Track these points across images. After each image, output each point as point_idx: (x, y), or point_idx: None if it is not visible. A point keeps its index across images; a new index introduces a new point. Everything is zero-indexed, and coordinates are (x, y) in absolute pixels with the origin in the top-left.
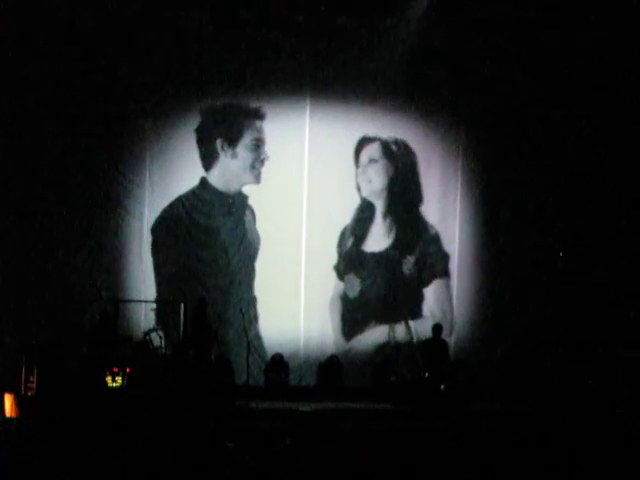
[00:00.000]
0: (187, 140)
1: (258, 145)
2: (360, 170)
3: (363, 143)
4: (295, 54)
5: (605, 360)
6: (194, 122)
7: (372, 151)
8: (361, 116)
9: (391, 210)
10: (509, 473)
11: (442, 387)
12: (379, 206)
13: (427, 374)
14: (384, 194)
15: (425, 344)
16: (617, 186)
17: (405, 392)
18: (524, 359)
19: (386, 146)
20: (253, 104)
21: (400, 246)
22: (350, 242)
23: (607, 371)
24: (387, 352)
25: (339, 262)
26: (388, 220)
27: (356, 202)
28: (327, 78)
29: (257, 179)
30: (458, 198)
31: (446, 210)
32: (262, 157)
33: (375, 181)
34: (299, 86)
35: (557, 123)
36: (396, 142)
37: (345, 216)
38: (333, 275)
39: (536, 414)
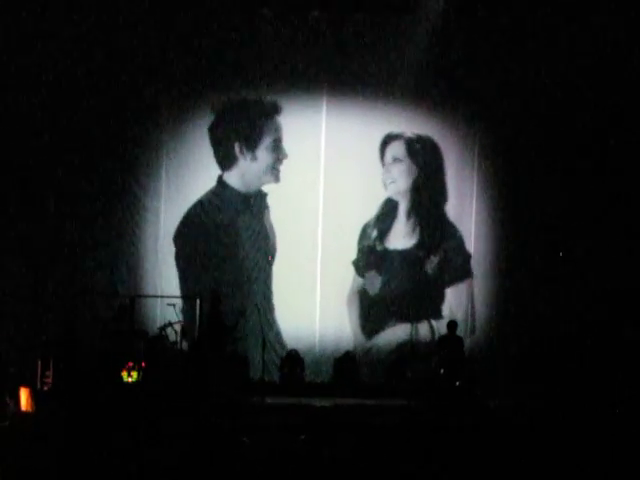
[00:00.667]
0: (200, 137)
1: (277, 145)
2: (385, 168)
3: (388, 141)
4: (311, 49)
5: (623, 360)
6: (207, 120)
7: (396, 149)
8: (378, 111)
9: (415, 208)
10: (523, 469)
11: (457, 383)
12: (403, 204)
13: (442, 370)
14: (409, 193)
15: (440, 340)
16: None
17: (420, 388)
18: (541, 356)
19: (410, 144)
20: (269, 99)
21: (424, 245)
22: (372, 238)
23: (624, 370)
24: (403, 349)
25: (359, 258)
26: (412, 218)
27: (377, 198)
28: (344, 73)
29: (277, 178)
30: (474, 196)
31: (463, 209)
32: (281, 156)
33: (399, 181)
34: (315, 81)
35: (578, 121)
36: (421, 139)
37: (364, 212)
38: (351, 271)
39: (551, 410)
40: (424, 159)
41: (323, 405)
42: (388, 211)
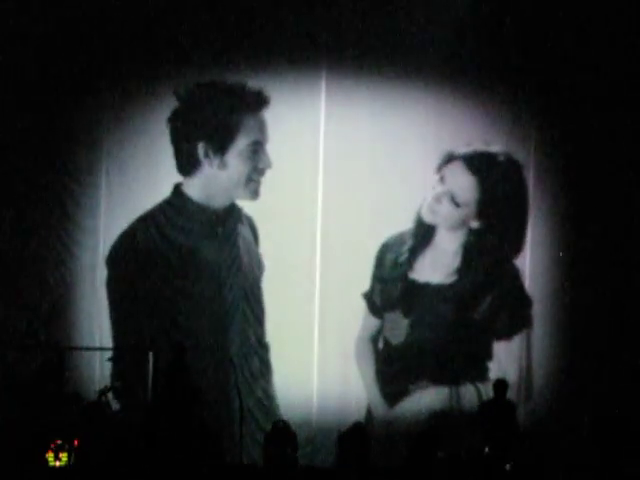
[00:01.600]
0: (158, 132)
1: (256, 150)
2: (438, 197)
3: (449, 160)
4: (307, 21)
5: None
6: (166, 108)
7: (461, 187)
8: (396, 99)
9: (466, 245)
10: None
11: (507, 467)
12: (445, 230)
13: (487, 449)
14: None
15: (484, 407)
16: None
17: (456, 473)
18: (619, 430)
19: (486, 184)
20: (252, 85)
21: (473, 281)
22: (395, 265)
23: None
24: (441, 420)
25: (374, 291)
26: (455, 240)
27: (401, 211)
28: (347, 52)
29: (254, 194)
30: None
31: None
32: (261, 165)
33: (445, 222)
34: (312, 64)
35: None
36: (502, 164)
37: (381, 231)
38: (362, 309)
39: None
40: (503, 200)
41: None
42: (421, 231)
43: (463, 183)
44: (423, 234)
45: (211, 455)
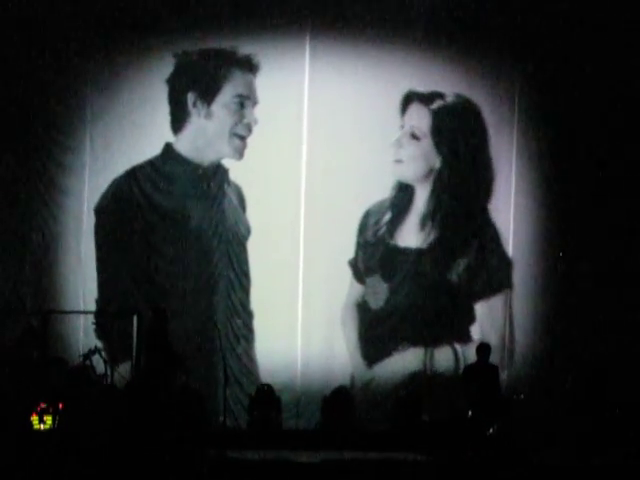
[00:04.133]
0: (142, 96)
1: (242, 104)
2: (396, 140)
3: (409, 101)
4: None
5: None
6: (165, 70)
7: (416, 120)
8: (378, 61)
9: (439, 195)
10: None
11: (491, 430)
12: (421, 189)
13: (470, 412)
14: (429, 177)
15: (468, 371)
16: None
17: (440, 436)
18: (603, 395)
19: (439, 116)
20: (242, 50)
21: (449, 243)
22: (377, 231)
23: None
24: (416, 383)
25: (357, 257)
26: (433, 206)
27: (383, 177)
28: (331, 12)
29: (237, 152)
30: (513, 181)
31: (499, 199)
32: (247, 120)
33: (410, 165)
34: (296, 26)
35: None
36: (457, 105)
37: (364, 196)
38: (347, 274)
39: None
40: (457, 134)
41: (307, 461)
42: (400, 196)
43: (418, 115)
44: (402, 197)
45: (194, 419)
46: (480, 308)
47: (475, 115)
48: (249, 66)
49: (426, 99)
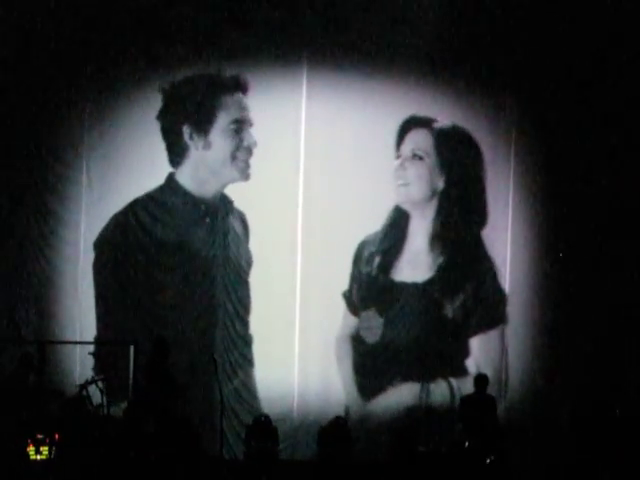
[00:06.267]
0: (139, 128)
1: (239, 129)
2: (399, 164)
3: (409, 126)
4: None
5: None
6: (147, 104)
7: (420, 140)
8: (374, 87)
9: (435, 226)
10: None
11: (488, 461)
12: (417, 218)
13: (467, 443)
14: (429, 204)
15: (465, 402)
16: None
17: (437, 467)
18: (600, 425)
19: (441, 136)
20: (229, 72)
21: (445, 278)
22: (372, 264)
23: None
24: (413, 415)
25: (352, 289)
26: (430, 239)
27: (380, 207)
28: (328, 42)
29: (243, 174)
30: (510, 217)
31: (496, 232)
32: (247, 143)
33: (414, 185)
34: (294, 54)
35: None
36: (455, 131)
37: (361, 226)
38: (342, 306)
39: None
40: (457, 158)
41: None
42: (395, 226)
43: (419, 137)
44: (398, 226)
45: (191, 449)
46: (475, 342)
47: (473, 145)
48: (237, 86)
49: (425, 122)
